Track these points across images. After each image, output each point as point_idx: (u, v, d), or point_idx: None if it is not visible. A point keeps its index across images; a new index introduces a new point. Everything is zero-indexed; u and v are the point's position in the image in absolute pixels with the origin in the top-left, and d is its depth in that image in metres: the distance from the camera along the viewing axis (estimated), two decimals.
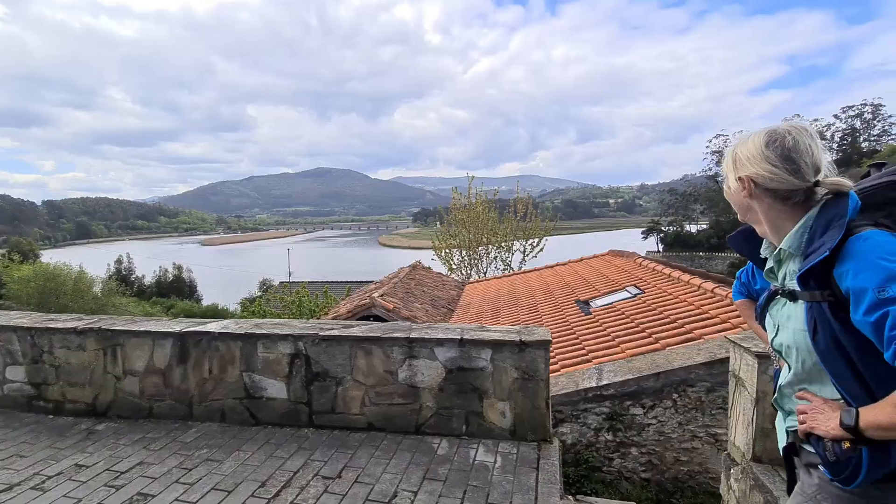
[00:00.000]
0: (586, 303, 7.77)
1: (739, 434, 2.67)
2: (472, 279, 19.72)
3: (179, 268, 53.06)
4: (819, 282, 1.05)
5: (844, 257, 1.02)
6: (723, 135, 49.05)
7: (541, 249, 20.54)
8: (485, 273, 20.33)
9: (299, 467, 2.52)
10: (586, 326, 6.21)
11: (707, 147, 49.81)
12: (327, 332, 2.88)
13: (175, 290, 48.56)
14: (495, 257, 20.33)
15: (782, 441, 1.29)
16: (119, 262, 54.94)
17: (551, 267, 12.88)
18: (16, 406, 3.21)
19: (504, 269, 20.06)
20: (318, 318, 11.35)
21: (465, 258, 20.40)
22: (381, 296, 10.63)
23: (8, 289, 30.25)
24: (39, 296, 27.75)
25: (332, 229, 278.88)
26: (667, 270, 7.78)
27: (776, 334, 1.23)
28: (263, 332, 2.94)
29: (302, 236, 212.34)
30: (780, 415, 1.32)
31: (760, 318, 1.31)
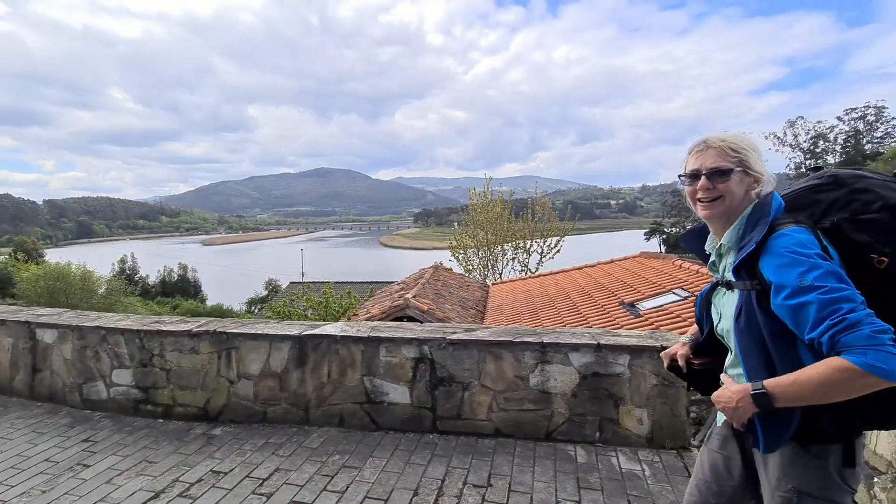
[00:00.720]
0: (632, 305, 7.70)
1: (883, 442, 2.61)
2: (495, 280, 19.69)
3: (184, 267, 52.86)
4: (748, 272, 1.19)
5: (766, 251, 1.16)
6: None
7: (557, 251, 20.48)
8: (500, 275, 20.28)
9: (443, 475, 2.46)
10: (640, 329, 6.15)
11: None
12: (453, 336, 2.82)
13: (180, 290, 48.40)
14: (513, 258, 20.26)
15: (720, 419, 1.40)
16: (123, 261, 54.82)
17: (579, 269, 12.82)
18: (121, 410, 3.15)
19: (521, 271, 20.01)
20: (347, 319, 11.28)
21: (483, 259, 20.34)
22: (414, 297, 10.58)
23: (18, 287, 30.24)
24: (49, 295, 27.71)
25: (332, 229, 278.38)
26: None
27: (719, 321, 1.34)
28: (386, 335, 2.88)
29: (303, 236, 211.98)
30: None
31: (705, 308, 1.41)
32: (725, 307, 1.29)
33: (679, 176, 1.36)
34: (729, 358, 1.34)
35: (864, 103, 42.55)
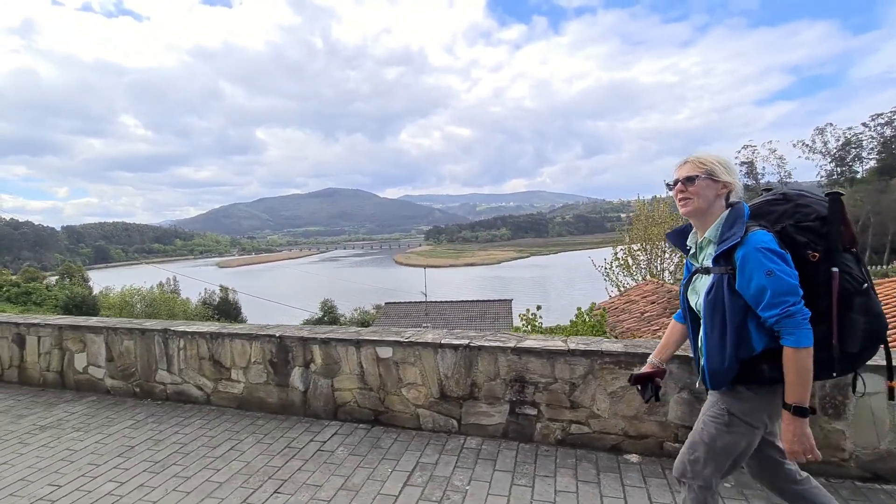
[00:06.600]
0: None
1: None
2: None
3: (226, 290, 52.62)
4: (725, 261, 1.64)
5: (743, 245, 1.59)
6: (751, 145, 48.08)
7: None
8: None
9: None
10: None
11: (736, 157, 48.99)
12: None
13: (222, 312, 47.56)
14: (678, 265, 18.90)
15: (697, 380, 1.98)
16: (161, 285, 53.87)
17: None
18: None
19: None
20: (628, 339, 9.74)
21: (651, 268, 19.01)
22: None
23: (102, 314, 29.26)
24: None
25: (343, 249, 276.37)
26: None
27: (697, 299, 1.78)
28: None
29: (316, 256, 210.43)
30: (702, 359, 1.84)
31: (685, 291, 1.86)
32: (702, 288, 1.73)
33: (666, 184, 1.91)
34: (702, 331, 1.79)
35: (890, 108, 40.90)
